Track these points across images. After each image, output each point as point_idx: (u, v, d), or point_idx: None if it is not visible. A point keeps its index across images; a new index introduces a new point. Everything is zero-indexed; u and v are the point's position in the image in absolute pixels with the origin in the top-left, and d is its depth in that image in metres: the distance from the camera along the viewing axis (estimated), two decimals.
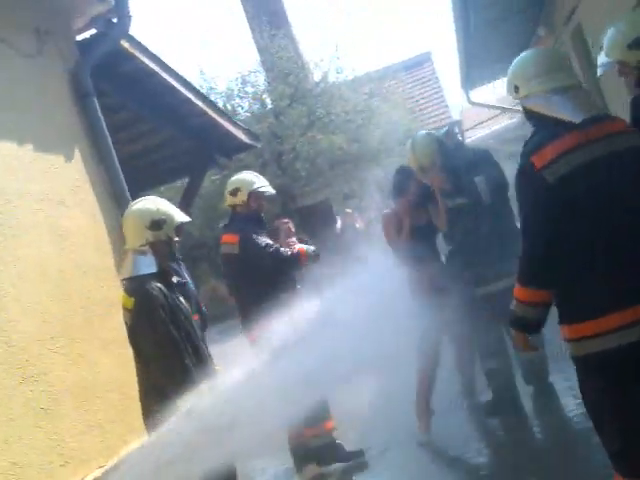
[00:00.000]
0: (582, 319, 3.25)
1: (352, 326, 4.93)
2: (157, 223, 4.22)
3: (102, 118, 6.10)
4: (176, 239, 4.34)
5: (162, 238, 4.24)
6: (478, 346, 6.26)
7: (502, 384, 6.12)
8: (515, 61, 3.62)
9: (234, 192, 6.03)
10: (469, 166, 6.11)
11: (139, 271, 4.18)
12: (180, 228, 4.40)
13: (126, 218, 4.33)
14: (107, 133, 6.12)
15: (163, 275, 4.23)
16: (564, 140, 3.32)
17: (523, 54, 3.62)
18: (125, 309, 4.14)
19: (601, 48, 3.94)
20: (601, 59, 3.93)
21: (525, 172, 3.39)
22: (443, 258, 6.41)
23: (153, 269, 4.16)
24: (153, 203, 4.34)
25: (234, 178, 6.15)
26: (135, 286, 4.13)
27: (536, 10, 10.91)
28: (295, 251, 6.11)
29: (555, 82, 3.42)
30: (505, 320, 5.59)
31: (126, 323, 4.15)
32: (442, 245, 6.45)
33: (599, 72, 4.04)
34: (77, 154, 5.86)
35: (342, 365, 4.78)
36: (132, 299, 4.09)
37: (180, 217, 4.35)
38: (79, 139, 5.95)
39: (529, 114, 3.57)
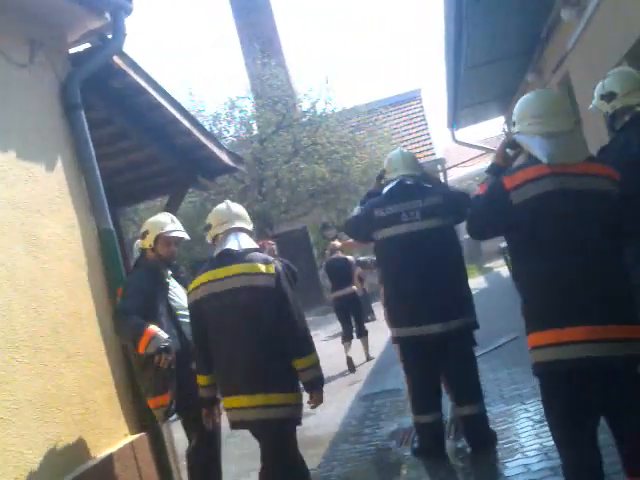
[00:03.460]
0: (545, 327, 3.58)
1: None
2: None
3: (88, 131, 6.08)
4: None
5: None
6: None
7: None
8: (521, 98, 3.96)
9: (143, 235, 5.78)
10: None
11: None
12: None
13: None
14: (91, 147, 6.09)
15: None
16: (536, 168, 3.65)
17: (530, 94, 3.97)
18: (258, 274, 4.79)
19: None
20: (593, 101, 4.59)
21: (494, 188, 3.78)
22: None
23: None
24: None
25: (147, 220, 5.91)
26: (262, 256, 4.95)
27: (527, 56, 11.12)
28: (141, 330, 5.24)
29: (543, 127, 3.73)
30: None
31: (255, 287, 4.77)
32: None
33: (589, 109, 4.73)
34: (59, 165, 5.82)
35: None
36: (272, 265, 4.84)
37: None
38: (63, 150, 5.92)
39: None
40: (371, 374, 10.52)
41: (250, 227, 5.18)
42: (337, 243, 13.20)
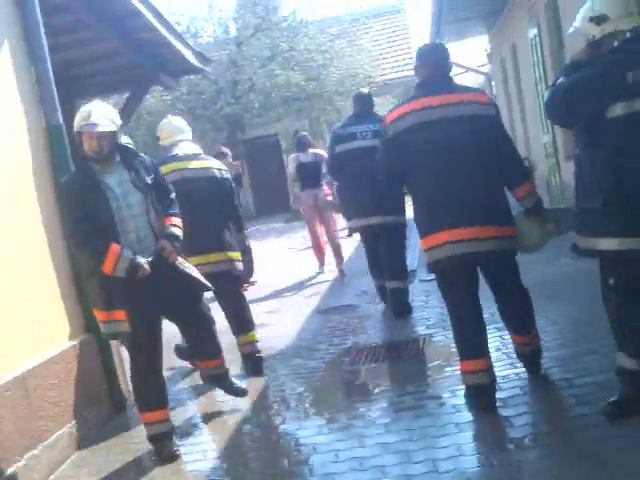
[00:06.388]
0: (425, 234, 4.72)
1: None
2: None
3: (40, 16, 5.67)
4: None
5: None
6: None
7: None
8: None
9: None
10: None
11: None
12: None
13: None
14: (43, 34, 5.67)
15: None
16: (406, 105, 4.75)
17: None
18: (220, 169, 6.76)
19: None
20: (573, 24, 4.26)
21: (382, 126, 4.92)
22: None
23: None
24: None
25: None
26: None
27: None
28: (103, 248, 4.76)
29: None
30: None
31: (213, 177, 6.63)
32: None
33: (568, 34, 4.88)
34: (6, 52, 5.45)
35: None
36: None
37: None
38: (9, 35, 5.51)
39: None
40: (330, 287, 10.40)
41: (190, 137, 6.79)
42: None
